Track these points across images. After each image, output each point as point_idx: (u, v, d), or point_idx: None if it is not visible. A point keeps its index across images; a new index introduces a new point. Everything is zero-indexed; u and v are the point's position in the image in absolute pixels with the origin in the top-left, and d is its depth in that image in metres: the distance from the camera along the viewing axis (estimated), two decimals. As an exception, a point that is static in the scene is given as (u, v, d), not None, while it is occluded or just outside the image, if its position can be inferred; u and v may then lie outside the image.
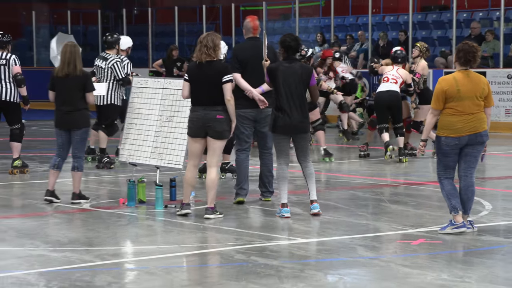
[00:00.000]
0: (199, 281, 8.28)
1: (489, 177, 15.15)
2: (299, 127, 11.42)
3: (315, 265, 8.86)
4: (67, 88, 12.06)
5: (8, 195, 13.20)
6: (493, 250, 9.54)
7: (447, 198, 10.10)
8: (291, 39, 11.67)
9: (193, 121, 11.21)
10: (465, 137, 9.93)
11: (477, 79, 10.03)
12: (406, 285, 8.00)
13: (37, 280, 8.21)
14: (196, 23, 32.98)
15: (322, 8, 31.45)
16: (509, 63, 24.07)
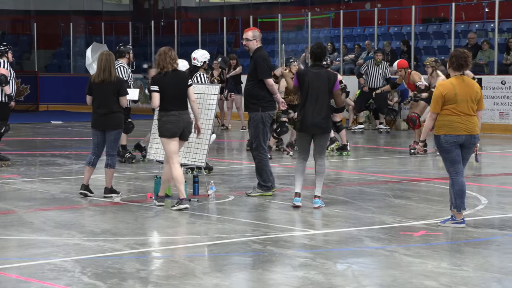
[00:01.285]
0: (219, 269, 8.27)
1: (485, 174, 15.09)
2: (322, 127, 11.46)
3: (325, 254, 8.83)
4: (103, 92, 12.09)
5: (46, 189, 13.21)
6: (488, 241, 9.50)
7: (454, 197, 10.05)
8: (316, 47, 11.78)
9: (173, 123, 11.34)
10: (462, 136, 9.90)
11: (471, 83, 10.05)
12: (408, 273, 7.97)
13: (73, 267, 8.22)
14: (217, 33, 32.96)
15: (332, 20, 31.39)
16: (503, 70, 24.04)
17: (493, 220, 10.67)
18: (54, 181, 14.16)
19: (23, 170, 15.64)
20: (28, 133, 23.03)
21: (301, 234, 9.85)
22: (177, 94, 11.42)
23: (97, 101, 12.14)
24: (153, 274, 8.05)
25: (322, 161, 11.57)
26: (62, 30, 37.99)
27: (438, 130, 10.03)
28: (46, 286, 7.54)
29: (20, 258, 8.70)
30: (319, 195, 11.46)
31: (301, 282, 7.70)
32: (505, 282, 7.72)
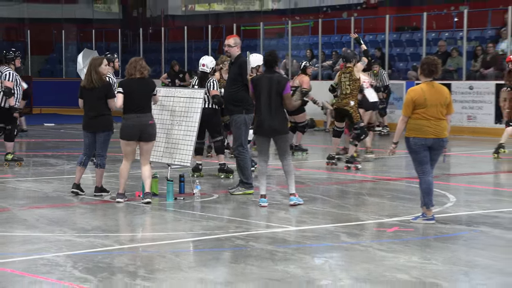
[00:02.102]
0: (204, 263, 8.28)
1: (454, 173, 15.15)
2: (278, 130, 11.39)
3: (304, 249, 8.86)
4: (92, 96, 12.08)
5: (39, 188, 13.19)
6: (456, 237, 9.55)
7: (423, 195, 10.12)
8: (268, 54, 11.74)
9: (130, 127, 11.62)
10: (430, 139, 9.96)
11: (440, 89, 10.09)
12: (382, 266, 8.01)
13: (65, 262, 8.21)
14: (203, 40, 32.93)
15: (311, 28, 31.44)
16: (471, 76, 24.16)
17: (460, 217, 10.72)
18: (47, 181, 14.14)
19: (17, 170, 15.60)
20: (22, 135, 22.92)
21: (281, 230, 9.86)
22: (140, 99, 11.70)
23: (88, 104, 12.15)
24: (141, 268, 8.05)
25: (287, 161, 11.53)
26: (54, 37, 37.91)
27: (408, 133, 10.10)
28: (39, 280, 7.54)
29: (14, 254, 8.69)
30: (293, 193, 11.44)
31: (281, 275, 7.72)
32: (471, 275, 7.78)
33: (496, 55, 24.17)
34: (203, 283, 7.50)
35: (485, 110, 23.12)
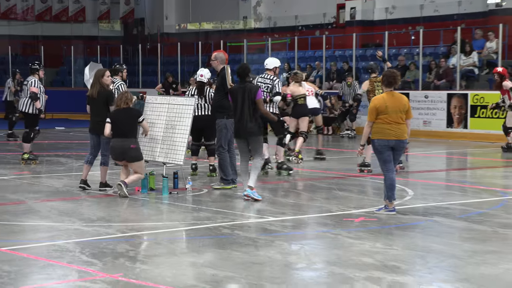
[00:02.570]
0: (195, 249, 8.27)
1: (412, 171, 15.18)
2: (250, 132, 11.32)
3: (282, 237, 8.86)
4: (97, 103, 12.06)
5: (51, 184, 13.14)
6: (414, 226, 9.57)
7: (386, 189, 10.15)
8: (239, 67, 11.62)
9: (114, 150, 11.73)
10: (392, 141, 10.01)
11: (400, 97, 10.15)
12: (350, 252, 8.01)
13: (74, 248, 8.18)
14: (194, 55, 32.92)
15: (288, 44, 31.46)
16: (426, 86, 24.27)
17: (417, 209, 10.74)
18: (58, 177, 14.09)
19: (32, 167, 15.54)
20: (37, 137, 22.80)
21: (263, 220, 9.86)
22: (124, 126, 11.70)
23: (93, 111, 12.15)
24: (140, 253, 8.04)
25: (258, 159, 11.45)
26: (64, 52, 37.85)
27: (373, 135, 10.14)
28: (51, 264, 7.51)
29: (29, 241, 8.66)
30: (251, 186, 11.30)
31: (263, 260, 7.72)
32: (427, 258, 7.79)
33: (447, 68, 24.31)
34: (194, 266, 7.49)
35: (438, 116, 23.20)
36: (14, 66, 37.07)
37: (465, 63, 24.04)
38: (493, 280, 6.98)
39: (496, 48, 23.77)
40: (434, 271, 7.35)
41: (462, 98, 22.71)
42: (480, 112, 22.23)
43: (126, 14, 40.81)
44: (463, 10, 27.55)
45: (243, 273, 7.23)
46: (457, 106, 22.79)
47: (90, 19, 41.10)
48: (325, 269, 7.37)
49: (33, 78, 15.95)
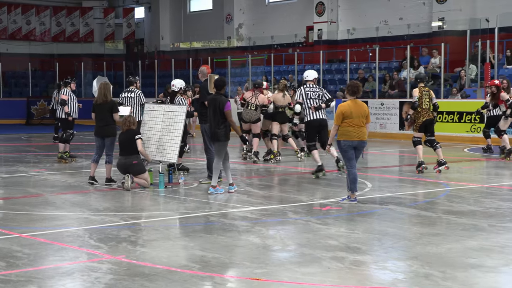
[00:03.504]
0: (187, 234, 8.25)
1: (370, 167, 15.21)
2: (216, 137, 11.13)
3: (261, 224, 8.85)
4: (102, 110, 12.03)
5: (64, 179, 13.07)
6: (372, 213, 9.59)
7: (350, 183, 10.18)
8: (215, 81, 11.36)
9: (120, 166, 11.85)
10: (355, 141, 10.05)
11: (361, 104, 10.18)
12: (318, 236, 8.02)
13: (83, 234, 8.15)
14: (185, 69, 32.87)
15: (265, 60, 31.48)
16: (382, 95, 24.40)
17: (375, 199, 10.77)
18: (70, 174, 14.03)
19: (49, 165, 15.46)
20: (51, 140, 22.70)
21: (244, 209, 9.85)
22: (126, 147, 11.82)
23: (98, 117, 12.11)
24: (140, 238, 8.00)
25: (216, 161, 11.14)
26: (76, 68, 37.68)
27: (339, 137, 10.15)
28: (64, 247, 7.47)
29: (46, 227, 8.60)
30: (214, 184, 11.20)
31: (244, 243, 7.71)
32: (382, 240, 7.81)
33: (399, 80, 24.44)
34: (186, 249, 7.47)
35: (392, 120, 23.29)
36: (33, 80, 37.17)
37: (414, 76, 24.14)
38: (438, 257, 7.00)
39: (439, 63, 23.92)
40: (388, 251, 7.37)
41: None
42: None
43: (128, 35, 40.72)
44: (411, 32, 27.69)
45: (227, 255, 7.21)
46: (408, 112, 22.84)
47: (98, 40, 40.97)
48: (297, 250, 7.36)
49: (64, 89, 16.38)
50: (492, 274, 6.44)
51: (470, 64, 23.53)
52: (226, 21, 35.26)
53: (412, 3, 28.25)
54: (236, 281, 6.29)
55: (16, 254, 7.18)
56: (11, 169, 14.88)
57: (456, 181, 12.77)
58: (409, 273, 6.49)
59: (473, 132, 21.47)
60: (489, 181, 13.14)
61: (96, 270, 6.53)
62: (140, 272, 6.46)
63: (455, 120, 21.88)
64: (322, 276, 6.32)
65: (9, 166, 15.47)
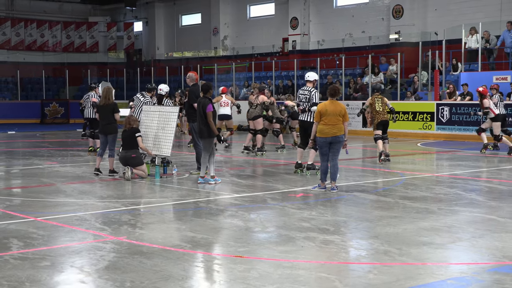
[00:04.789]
0: (179, 218, 8.21)
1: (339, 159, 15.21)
2: (201, 134, 11.04)
3: (244, 209, 8.83)
4: (105, 111, 11.96)
5: (73, 170, 12.98)
6: (339, 199, 9.60)
7: (321, 173, 10.19)
8: (202, 85, 11.22)
9: (121, 158, 11.72)
10: (329, 138, 10.04)
11: (338, 104, 10.18)
12: (293, 219, 8.01)
13: (90, 218, 8.09)
14: (178, 75, 32.74)
15: (247, 67, 31.43)
16: (347, 98, 24.44)
17: (341, 187, 10.77)
18: (78, 166, 13.92)
19: (60, 159, 15.34)
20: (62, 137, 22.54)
21: (229, 196, 9.83)
22: (127, 141, 11.70)
23: (101, 117, 12.03)
24: (139, 222, 7.96)
25: (203, 154, 11.08)
26: (83, 74, 37.45)
27: (317, 134, 10.16)
28: (73, 230, 7.41)
29: (57, 212, 8.53)
30: (201, 175, 11.16)
31: (229, 225, 7.69)
32: (348, 222, 7.82)
33: (362, 85, 24.50)
34: (179, 231, 7.44)
35: (356, 119, 23.30)
36: (47, 85, 36.91)
37: (375, 81, 24.22)
38: (395, 236, 7.03)
39: (396, 70, 24.03)
40: (353, 231, 7.38)
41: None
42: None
43: (128, 46, 40.48)
44: (372, 43, 27.78)
45: (215, 235, 7.20)
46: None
47: (102, 50, 40.68)
48: (275, 232, 7.36)
49: (91, 92, 16.64)
50: (441, 250, 6.48)
51: (422, 71, 23.66)
52: (213, 34, 35.16)
53: (373, 19, 28.33)
54: (222, 258, 6.28)
55: (32, 235, 7.12)
56: (27, 162, 14.76)
57: (411, 171, 12.82)
58: (370, 250, 6.50)
59: (424, 129, 21.59)
60: (439, 171, 13.21)
61: (101, 249, 6.49)
62: (139, 251, 6.43)
63: (410, 119, 21.98)
64: (296, 254, 6.32)
65: (25, 159, 15.34)
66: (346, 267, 5.93)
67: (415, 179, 11.65)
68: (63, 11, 40.02)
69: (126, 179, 11.43)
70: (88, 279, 5.55)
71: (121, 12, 40.98)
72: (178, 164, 13.55)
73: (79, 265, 5.96)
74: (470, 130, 20.19)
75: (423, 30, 25.94)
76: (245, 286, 5.30)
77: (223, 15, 34.67)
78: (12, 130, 27.13)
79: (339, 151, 10.23)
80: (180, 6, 37.42)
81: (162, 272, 5.68)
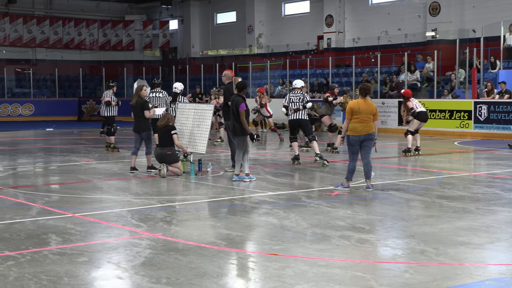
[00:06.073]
0: (215, 216, 8.25)
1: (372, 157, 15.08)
2: (234, 132, 11.09)
3: (279, 207, 8.83)
4: (136, 109, 12.14)
5: (110, 167, 13.12)
6: (375, 198, 9.53)
7: (348, 172, 10.12)
8: (237, 83, 11.21)
9: (156, 155, 11.76)
10: (362, 136, 9.96)
11: (370, 103, 10.11)
12: (328, 217, 7.98)
13: (126, 214, 8.18)
14: (213, 73, 32.89)
15: (282, 65, 31.40)
16: (382, 96, 24.23)
17: (377, 185, 10.68)
18: (114, 162, 14.08)
19: (97, 155, 15.54)
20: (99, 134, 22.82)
21: (263, 194, 9.83)
22: (163, 139, 11.74)
23: (134, 115, 12.24)
24: (174, 219, 8.02)
25: (238, 152, 11.10)
26: (119, 72, 37.85)
27: (348, 132, 10.07)
28: (110, 226, 7.50)
29: (95, 209, 8.65)
30: (236, 173, 11.13)
31: (264, 223, 7.70)
32: (384, 221, 7.76)
33: (398, 83, 24.25)
34: (214, 228, 7.47)
35: (392, 117, 23.13)
36: (84, 83, 37.39)
37: (411, 79, 23.98)
38: (431, 236, 6.95)
39: (433, 68, 23.75)
40: (389, 230, 7.33)
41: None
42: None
43: (164, 44, 40.79)
44: (408, 40, 27.50)
45: (249, 233, 7.21)
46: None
47: (138, 48, 41.07)
48: (310, 229, 7.34)
49: (106, 92, 16.89)
50: (479, 250, 6.38)
51: (459, 69, 23.33)
52: (248, 32, 35.21)
53: (409, 16, 28.03)
54: (257, 256, 6.28)
55: (70, 231, 7.23)
56: (65, 158, 14.97)
57: (448, 170, 12.66)
58: (406, 250, 6.44)
59: (462, 127, 21.30)
60: (476, 170, 13.02)
61: (137, 246, 6.55)
62: (175, 248, 6.47)
63: (446, 117, 21.72)
64: (331, 252, 6.30)
65: (63, 156, 15.57)
66: (381, 266, 5.88)
67: (452, 178, 11.50)
68: (100, 9, 40.51)
69: (162, 176, 11.52)
70: (125, 275, 5.61)
71: (156, 11, 41.30)
72: (213, 162, 13.60)
73: (116, 261, 6.03)
74: (509, 129, 19.86)
75: (460, 27, 25.57)
76: (280, 284, 5.30)
77: (258, 13, 34.69)
78: (50, 127, 27.59)
79: (370, 149, 10.16)
80: (215, 4, 37.56)
81: (197, 269, 5.71)
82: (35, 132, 25.37)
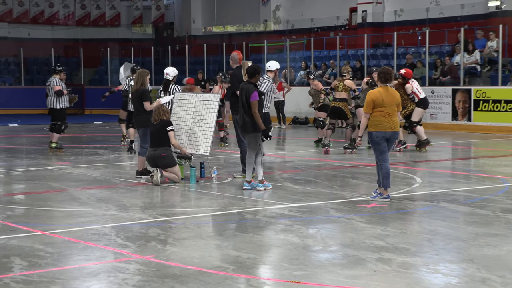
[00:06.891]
0: (220, 233, 8.25)
1: (420, 160, 15.07)
2: (244, 127, 11.02)
3: (300, 222, 8.82)
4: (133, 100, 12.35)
5: (90, 173, 13.17)
6: (422, 211, 9.52)
7: (382, 178, 10.08)
8: (248, 67, 11.13)
9: (148, 158, 11.87)
10: (388, 133, 9.95)
11: (393, 92, 10.12)
12: (363, 235, 7.96)
13: (110, 232, 8.21)
14: (218, 55, 32.97)
15: (305, 44, 31.41)
16: (432, 82, 24.13)
17: (424, 195, 10.67)
18: (95, 167, 14.13)
19: (72, 158, 15.61)
20: (76, 131, 22.97)
21: (282, 206, 9.82)
22: (156, 137, 11.75)
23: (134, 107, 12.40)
24: (170, 237, 8.03)
25: (249, 153, 11.06)
26: (102, 54, 38.03)
27: (370, 128, 10.03)
28: (90, 246, 7.52)
29: (70, 225, 8.68)
30: (248, 180, 11.15)
31: (282, 243, 7.69)
32: (434, 241, 7.73)
33: (451, 66, 24.15)
34: (219, 248, 7.48)
35: (444, 110, 23.08)
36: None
37: (468, 61, 23.89)
38: (496, 260, 6.91)
39: (497, 47, 23.62)
40: (440, 253, 7.29)
41: (466, 93, 22.62)
42: (482, 106, 22.13)
43: (157, 19, 40.92)
44: (465, 13, 27.39)
45: (264, 255, 7.20)
46: (461, 100, 22.68)
47: (125, 24, 41.25)
48: (340, 251, 7.32)
49: (53, 78, 16.61)
50: (556, 279, 6.34)
51: (531, 48, 23.21)
52: (262, 3, 35.23)
53: (466, -19, 27.93)
54: (273, 283, 6.27)
55: (39, 253, 7.25)
56: (33, 162, 15.06)
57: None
58: (463, 277, 6.41)
59: (533, 122, 21.21)
60: (552, 176, 12.94)
61: (124, 271, 6.57)
62: (171, 273, 6.48)
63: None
64: (367, 280, 6.28)
65: (30, 159, 15.66)
66: (431, 298, 5.87)
67: (521, 187, 11.46)
68: (77, -25, 40.76)
69: (155, 183, 11.55)
70: (107, 307, 5.62)
71: (148, -24, 41.53)
72: (218, 166, 13.63)
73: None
74: None
75: (532, -4, 25.47)
76: (303, 319, 5.29)
77: (275, -20, 34.75)
78: (14, 122, 27.78)
79: (391, 149, 10.17)
80: (222, -32, 37.70)
81: (198, 300, 5.72)
82: (-4, 128, 25.55)
